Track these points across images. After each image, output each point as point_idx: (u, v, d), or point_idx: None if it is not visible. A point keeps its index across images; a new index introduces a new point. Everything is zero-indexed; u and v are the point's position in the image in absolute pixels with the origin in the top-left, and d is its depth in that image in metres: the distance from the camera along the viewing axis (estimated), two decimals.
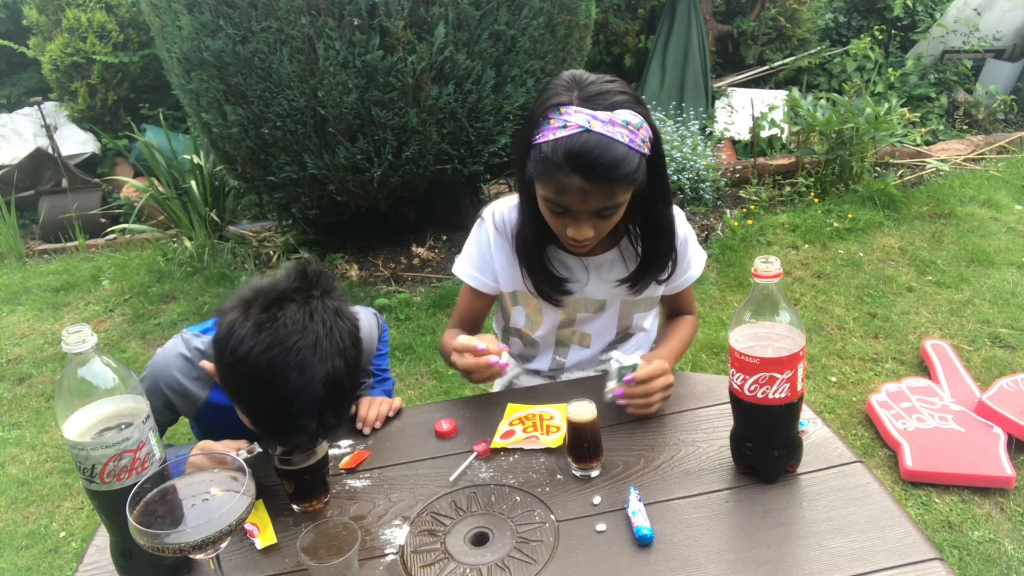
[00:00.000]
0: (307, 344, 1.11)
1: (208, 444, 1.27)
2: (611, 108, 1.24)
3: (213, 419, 1.42)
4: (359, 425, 1.45)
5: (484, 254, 1.54)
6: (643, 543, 1.09)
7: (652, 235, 1.45)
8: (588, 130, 1.22)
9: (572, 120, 1.23)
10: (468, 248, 1.58)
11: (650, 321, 1.68)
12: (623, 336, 1.65)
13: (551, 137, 1.25)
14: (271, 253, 4.22)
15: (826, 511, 1.12)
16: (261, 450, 1.26)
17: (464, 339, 1.36)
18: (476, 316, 1.62)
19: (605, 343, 1.64)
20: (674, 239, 1.47)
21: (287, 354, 1.10)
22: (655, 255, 1.47)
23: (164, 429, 1.46)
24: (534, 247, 1.46)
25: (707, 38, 5.30)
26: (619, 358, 1.36)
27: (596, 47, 5.61)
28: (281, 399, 1.11)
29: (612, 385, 1.36)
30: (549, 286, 1.49)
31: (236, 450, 1.23)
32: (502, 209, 1.52)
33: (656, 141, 1.31)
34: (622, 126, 1.23)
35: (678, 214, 1.51)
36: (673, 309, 1.69)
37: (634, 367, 1.33)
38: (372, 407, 1.47)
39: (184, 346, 1.39)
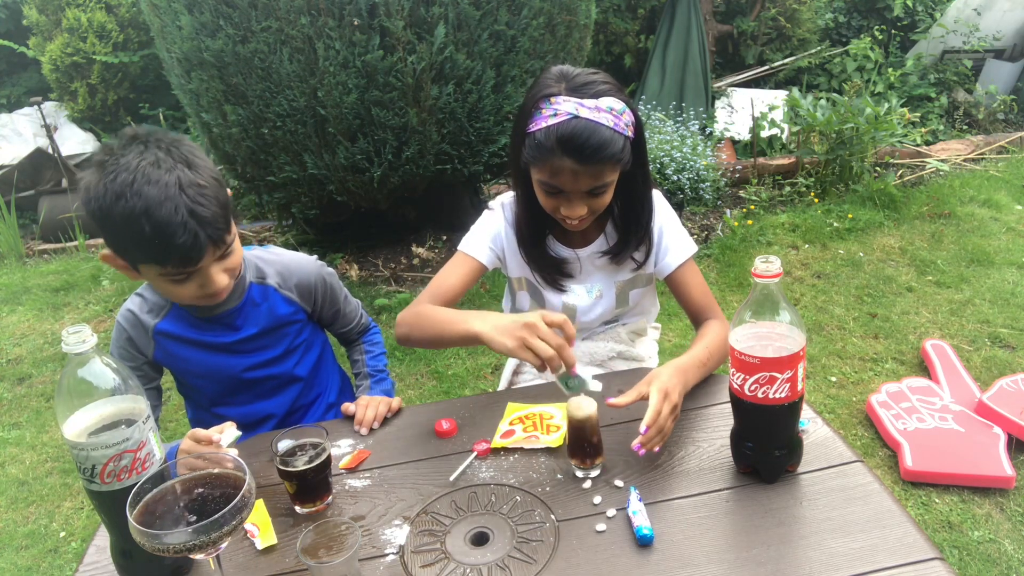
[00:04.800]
0: (148, 162, 1.25)
1: (196, 432, 1.28)
2: (596, 96, 1.36)
3: (169, 356, 1.51)
4: (356, 427, 1.45)
5: (492, 233, 1.61)
6: (643, 543, 1.09)
7: (631, 208, 1.54)
8: (577, 116, 1.33)
9: (562, 108, 1.34)
10: (475, 228, 1.62)
11: (649, 299, 1.73)
12: (619, 326, 1.71)
13: (543, 125, 1.35)
14: None
15: (826, 511, 1.12)
16: (240, 433, 1.29)
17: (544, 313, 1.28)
18: (456, 292, 1.56)
19: (604, 325, 1.70)
20: (651, 214, 1.55)
21: (135, 176, 1.23)
22: (634, 227, 1.55)
23: (150, 387, 1.51)
24: (532, 237, 1.57)
25: (707, 38, 5.30)
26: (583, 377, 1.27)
27: (596, 47, 5.61)
28: (150, 213, 1.22)
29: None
30: (551, 269, 1.59)
31: (221, 433, 1.26)
32: (507, 200, 1.62)
33: (638, 125, 1.42)
34: (607, 111, 1.35)
35: (657, 198, 1.59)
36: (690, 308, 1.59)
37: (582, 384, 1.25)
38: (370, 408, 1.47)
39: (139, 290, 1.52)
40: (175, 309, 1.48)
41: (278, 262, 1.56)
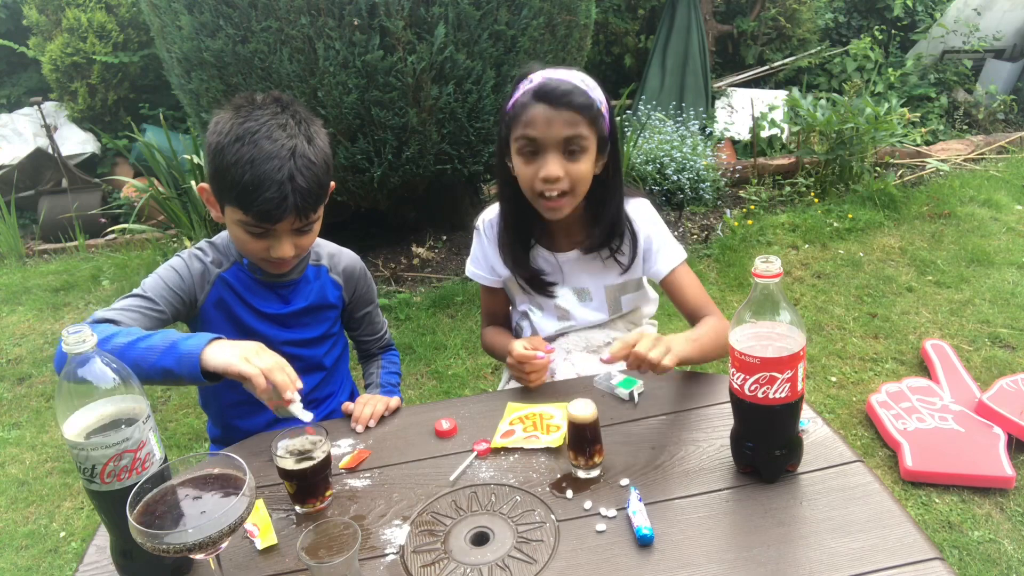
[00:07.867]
0: (277, 123, 1.36)
1: (285, 370, 1.24)
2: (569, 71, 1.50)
3: (221, 305, 1.52)
4: (353, 424, 1.45)
5: (484, 254, 1.72)
6: (643, 543, 1.09)
7: (602, 203, 1.59)
8: (551, 77, 1.46)
9: (536, 77, 1.47)
10: (472, 251, 1.76)
11: (648, 306, 1.77)
12: (617, 319, 1.72)
13: (519, 93, 1.47)
14: None
15: (826, 511, 1.12)
16: (305, 416, 1.26)
17: (520, 351, 1.50)
18: (497, 309, 1.80)
19: (601, 328, 1.72)
20: (622, 204, 1.60)
21: (260, 128, 1.34)
22: (603, 220, 1.60)
23: (168, 316, 1.48)
24: (516, 245, 1.64)
25: (707, 38, 5.30)
26: (614, 374, 1.48)
27: (596, 47, 5.60)
28: (255, 163, 1.32)
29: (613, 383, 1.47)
30: (533, 279, 1.66)
31: (296, 391, 1.25)
32: (489, 216, 1.71)
33: (611, 117, 1.52)
34: (579, 78, 1.48)
35: (646, 206, 1.64)
36: (686, 309, 1.62)
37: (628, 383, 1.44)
38: (367, 406, 1.47)
39: (206, 240, 1.56)
40: (237, 267, 1.53)
41: (329, 246, 1.66)
